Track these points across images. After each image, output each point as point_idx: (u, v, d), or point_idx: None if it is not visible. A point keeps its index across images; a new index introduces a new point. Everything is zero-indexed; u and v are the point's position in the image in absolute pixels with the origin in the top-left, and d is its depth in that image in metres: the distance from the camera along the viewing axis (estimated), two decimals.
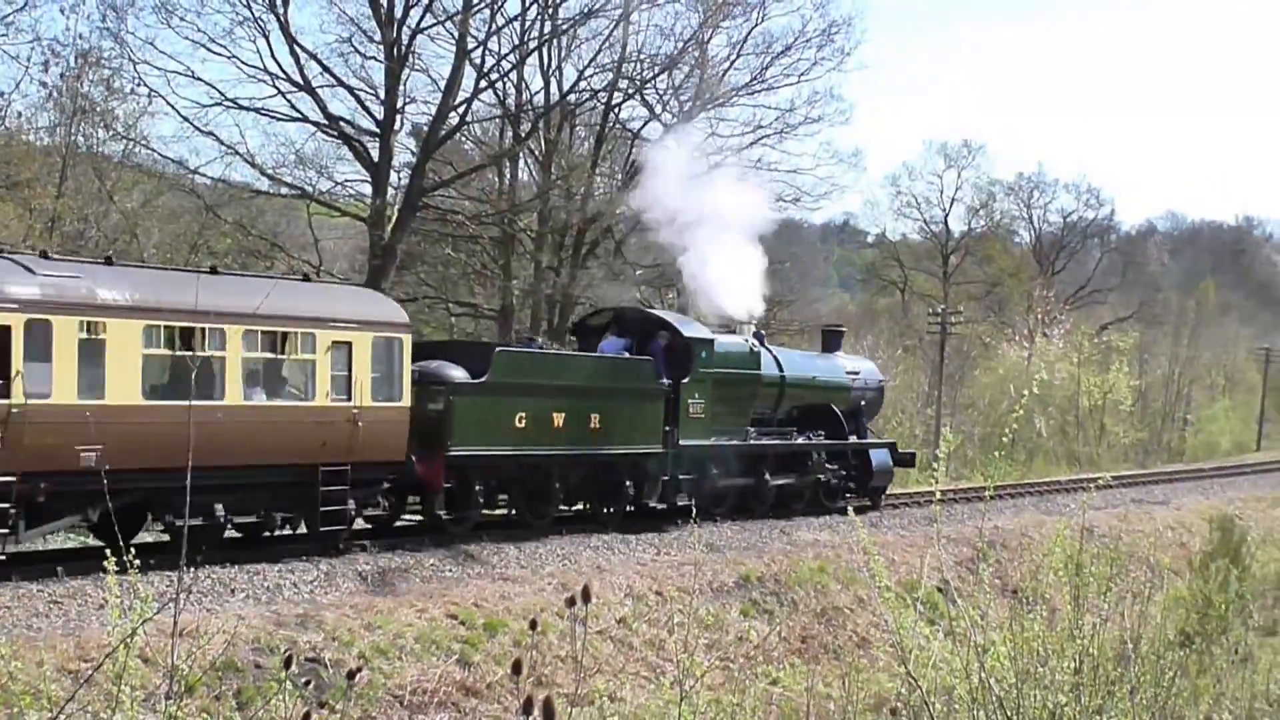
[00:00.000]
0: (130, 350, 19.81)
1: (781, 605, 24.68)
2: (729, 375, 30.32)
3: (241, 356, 21.26)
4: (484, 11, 46.04)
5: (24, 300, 18.76)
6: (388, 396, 23.34)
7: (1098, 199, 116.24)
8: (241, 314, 20.85)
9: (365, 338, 22.99)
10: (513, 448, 25.52)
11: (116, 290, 19.92)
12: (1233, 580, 26.00)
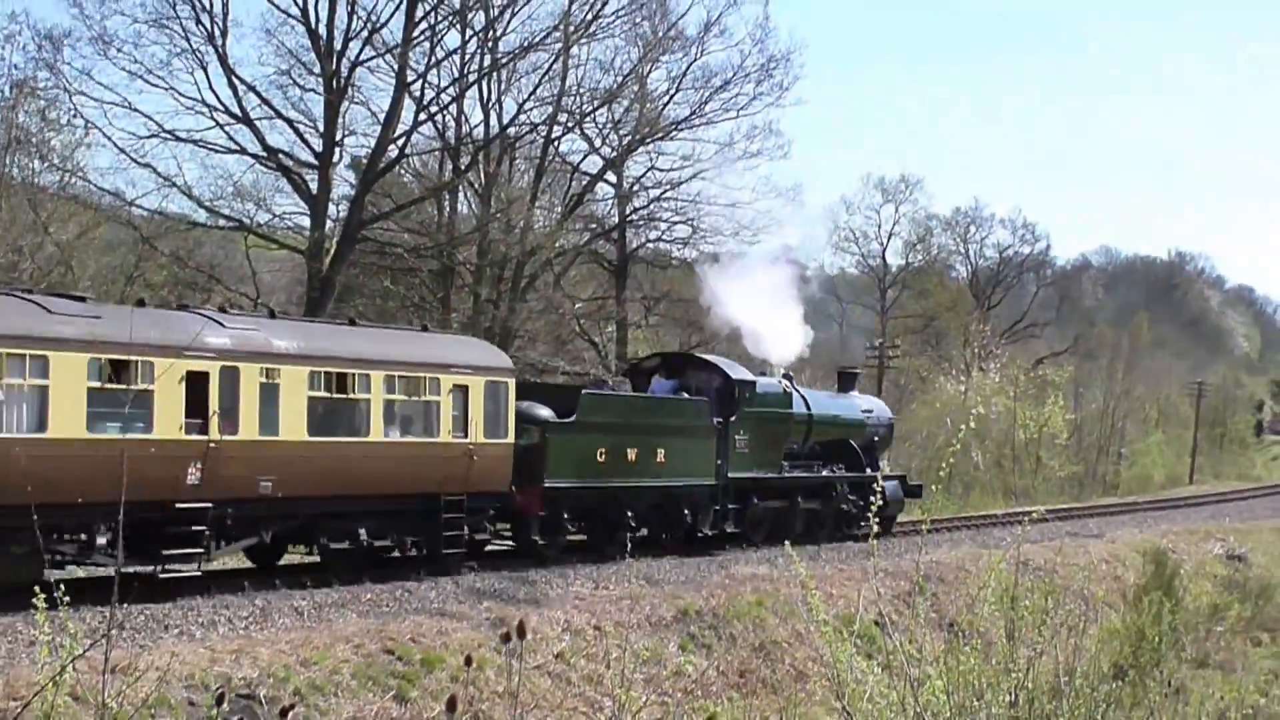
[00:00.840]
0: (298, 393, 22.90)
1: (720, 639, 24.64)
2: (767, 414, 33.57)
3: (383, 398, 24.34)
4: (423, 44, 46.19)
5: (218, 350, 21.79)
6: (496, 434, 26.31)
7: (1033, 234, 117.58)
8: (383, 360, 24.47)
9: (479, 381, 26.09)
10: (595, 480, 28.51)
11: (287, 340, 23.18)
12: (1166, 613, 26.19)
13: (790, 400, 34.68)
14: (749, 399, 32.72)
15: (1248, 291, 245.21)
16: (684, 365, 34.10)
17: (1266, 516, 57.01)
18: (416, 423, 25.42)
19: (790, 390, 34.95)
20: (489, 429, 26.14)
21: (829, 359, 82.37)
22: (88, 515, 20.30)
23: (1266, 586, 39.06)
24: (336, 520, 23.99)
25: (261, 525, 23.00)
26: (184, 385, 21.19)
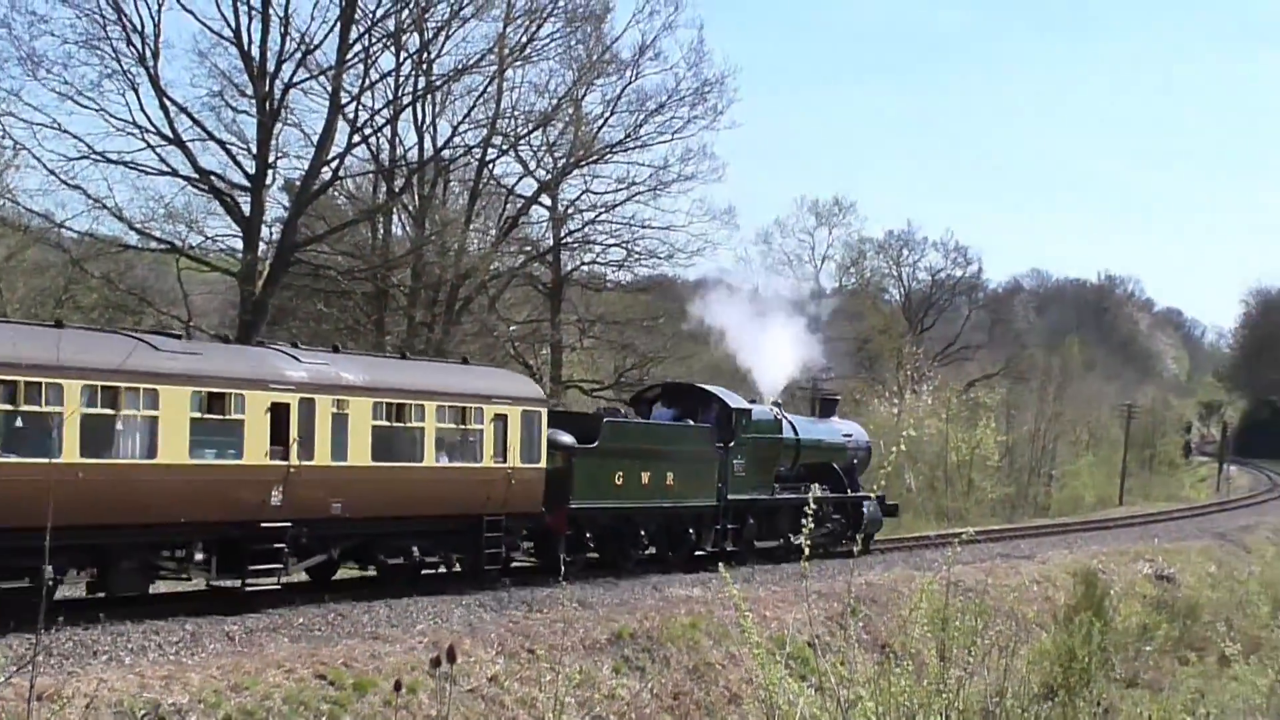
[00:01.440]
0: (364, 422, 25.20)
1: (654, 662, 24.64)
2: (762, 440, 35.95)
3: (435, 426, 26.69)
4: (357, 67, 46.06)
5: (297, 383, 24.06)
6: (531, 459, 28.64)
7: (965, 257, 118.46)
8: (435, 392, 26.91)
9: (517, 411, 28.47)
10: (614, 501, 30.89)
11: (354, 374, 25.58)
12: (1095, 633, 26.46)
13: (780, 427, 37.06)
14: (745, 426, 35.07)
15: (1176, 314, 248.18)
16: (684, 394, 36.31)
17: (1194, 537, 57.58)
18: (463, 449, 27.68)
19: (780, 417, 37.40)
20: (525, 454, 28.53)
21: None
22: (187, 533, 22.84)
23: (1194, 606, 39.48)
24: (393, 539, 26.44)
25: (331, 544, 25.47)
26: (268, 415, 23.49)
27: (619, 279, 62.38)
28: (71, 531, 19.64)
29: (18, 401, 20.12)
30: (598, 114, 55.99)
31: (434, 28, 47.77)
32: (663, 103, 55.22)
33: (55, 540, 17.14)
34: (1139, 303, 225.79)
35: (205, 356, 23.36)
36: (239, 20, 43.29)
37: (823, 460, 39.13)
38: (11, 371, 19.97)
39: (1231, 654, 19.60)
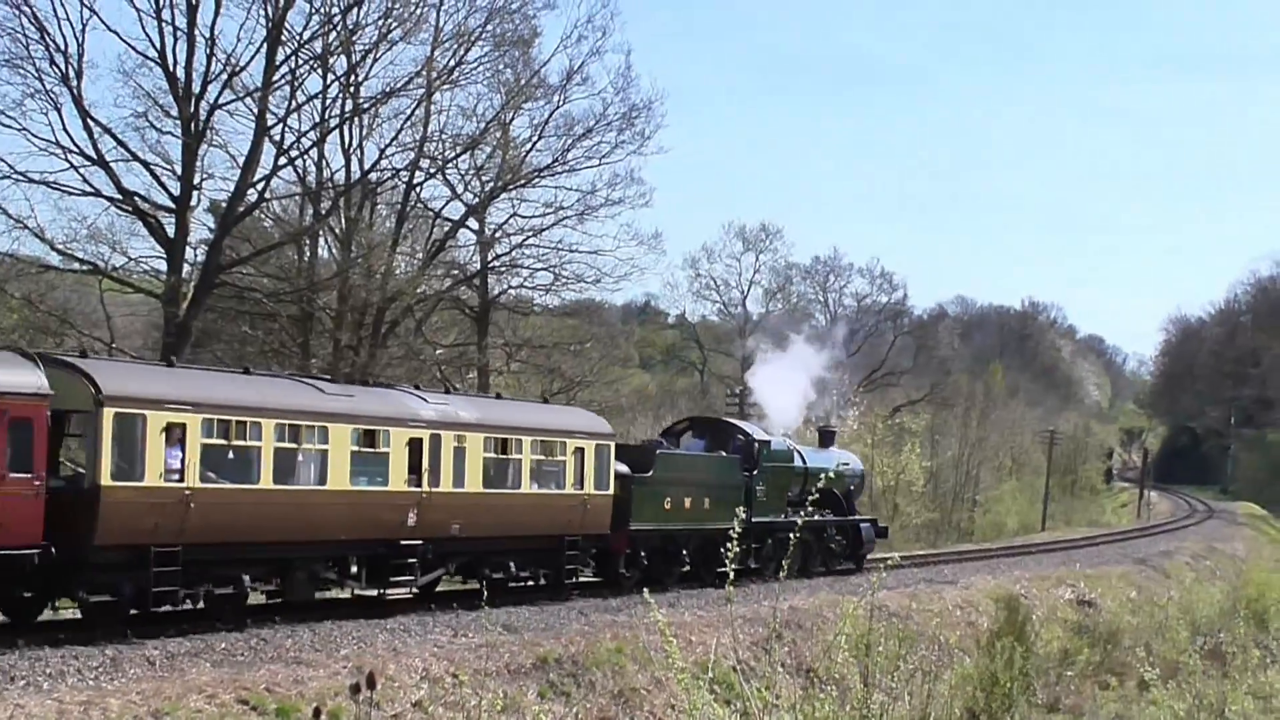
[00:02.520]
0: (478, 454, 29.42)
1: (579, 686, 24.58)
2: (779, 468, 39.99)
3: (530, 458, 30.93)
4: (284, 89, 45.85)
5: (428, 421, 28.39)
6: (601, 486, 32.82)
7: (891, 283, 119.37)
8: (530, 428, 31.36)
9: (592, 444, 32.73)
10: (664, 524, 34.85)
11: (469, 412, 29.88)
12: (1017, 658, 26.64)
13: (793, 456, 41.12)
14: (766, 456, 39.14)
15: (1098, 341, 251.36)
16: (711, 427, 41.45)
17: (1115, 562, 58.07)
18: (550, 478, 31.78)
19: (793, 448, 41.56)
20: (597, 483, 32.71)
21: (688, 406, 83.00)
22: (346, 548, 27.13)
23: (1114, 631, 39.79)
24: (496, 555, 30.59)
25: (449, 559, 29.51)
26: (407, 449, 27.64)
27: (546, 303, 62.45)
28: (264, 547, 25.18)
29: (230, 437, 24.42)
30: (525, 138, 56.08)
31: (362, 50, 47.72)
32: (590, 127, 55.32)
33: (251, 554, 24.85)
34: (1061, 330, 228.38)
35: (358, 399, 27.81)
36: (164, 41, 43.01)
37: (826, 486, 39.97)
38: (228, 412, 24.39)
39: (1150, 679, 19.83)
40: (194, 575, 23.99)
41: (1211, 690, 21.38)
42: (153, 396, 23.41)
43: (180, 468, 23.58)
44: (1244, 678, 22.16)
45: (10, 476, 21.16)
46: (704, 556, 36.33)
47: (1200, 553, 70.66)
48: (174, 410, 23.48)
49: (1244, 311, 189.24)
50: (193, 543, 23.65)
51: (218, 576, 24.41)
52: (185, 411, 23.62)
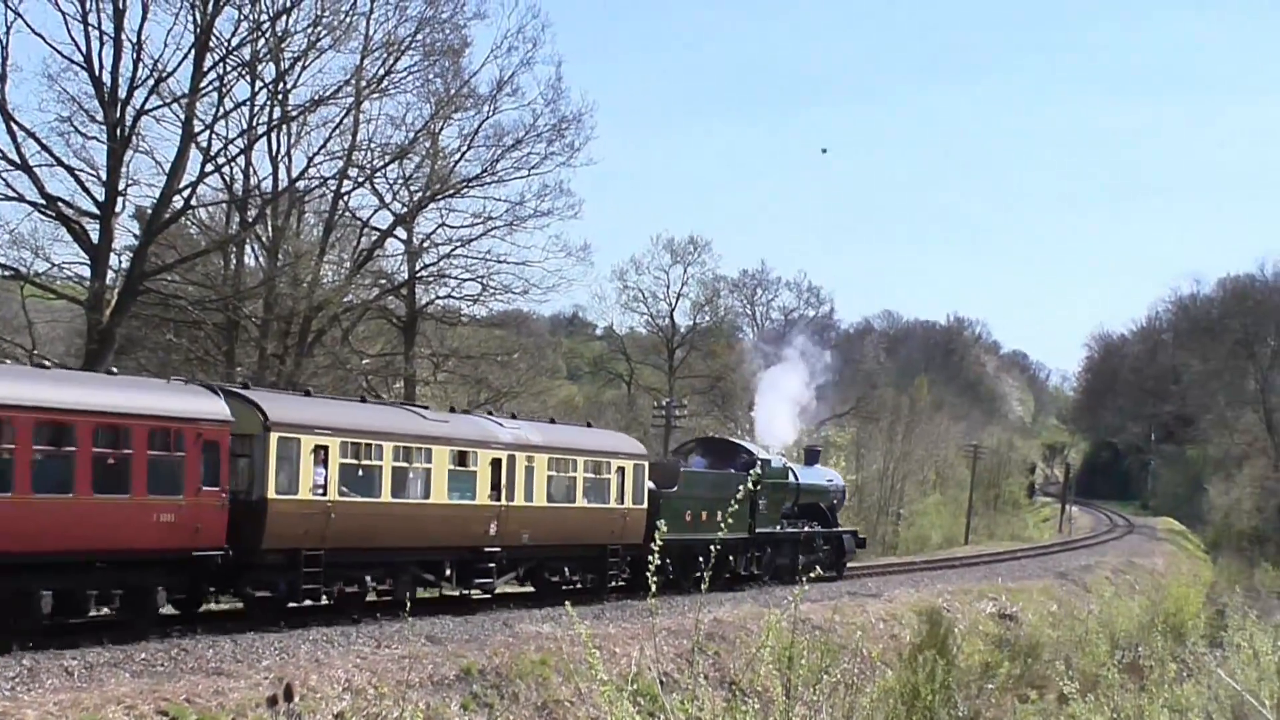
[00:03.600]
0: (543, 472, 34.36)
1: (502, 698, 24.56)
2: (777, 484, 44.45)
3: (583, 475, 35.80)
4: (211, 95, 45.58)
5: (505, 443, 33.31)
6: (638, 501, 37.61)
7: (818, 297, 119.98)
8: (584, 449, 36.29)
9: (630, 464, 37.69)
10: (686, 534, 37.67)
11: (537, 436, 34.90)
12: (939, 671, 26.85)
13: (787, 473, 45.88)
14: (767, 473, 42.33)
15: (1022, 357, 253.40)
16: (716, 446, 46.15)
17: (1037, 576, 58.64)
18: (598, 493, 36.47)
19: (787, 465, 46.37)
20: (634, 498, 37.47)
21: (615, 418, 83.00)
22: (442, 554, 31.64)
23: (1035, 645, 40.19)
24: (555, 561, 35.39)
25: (519, 564, 34.22)
26: (490, 467, 32.45)
27: (474, 313, 62.23)
28: (381, 551, 29.78)
29: (360, 457, 28.91)
30: (455, 148, 55.95)
31: (290, 58, 47.53)
32: (520, 138, 55.31)
33: (372, 557, 29.56)
34: (986, 345, 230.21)
35: (453, 424, 32.79)
36: (90, 45, 42.55)
37: (814, 501, 48.07)
38: (358, 436, 28.96)
39: (1070, 692, 20.03)
40: (330, 576, 28.30)
41: (1129, 703, 21.63)
42: (305, 422, 27.96)
43: (324, 483, 28.02)
44: (1161, 691, 22.43)
45: (204, 490, 25.41)
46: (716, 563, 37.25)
47: (1120, 567, 71.51)
48: (320, 434, 27.98)
49: (1165, 329, 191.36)
50: (332, 547, 28.11)
51: (346, 577, 29.04)
52: (328, 435, 28.14)
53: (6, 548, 22.22)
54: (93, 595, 24.16)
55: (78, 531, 23.40)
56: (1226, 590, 53.52)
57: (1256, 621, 23.70)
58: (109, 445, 23.98)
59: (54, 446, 23.12)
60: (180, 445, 25.09)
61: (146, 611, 25.07)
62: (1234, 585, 51.79)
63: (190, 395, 26.34)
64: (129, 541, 24.35)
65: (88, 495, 23.52)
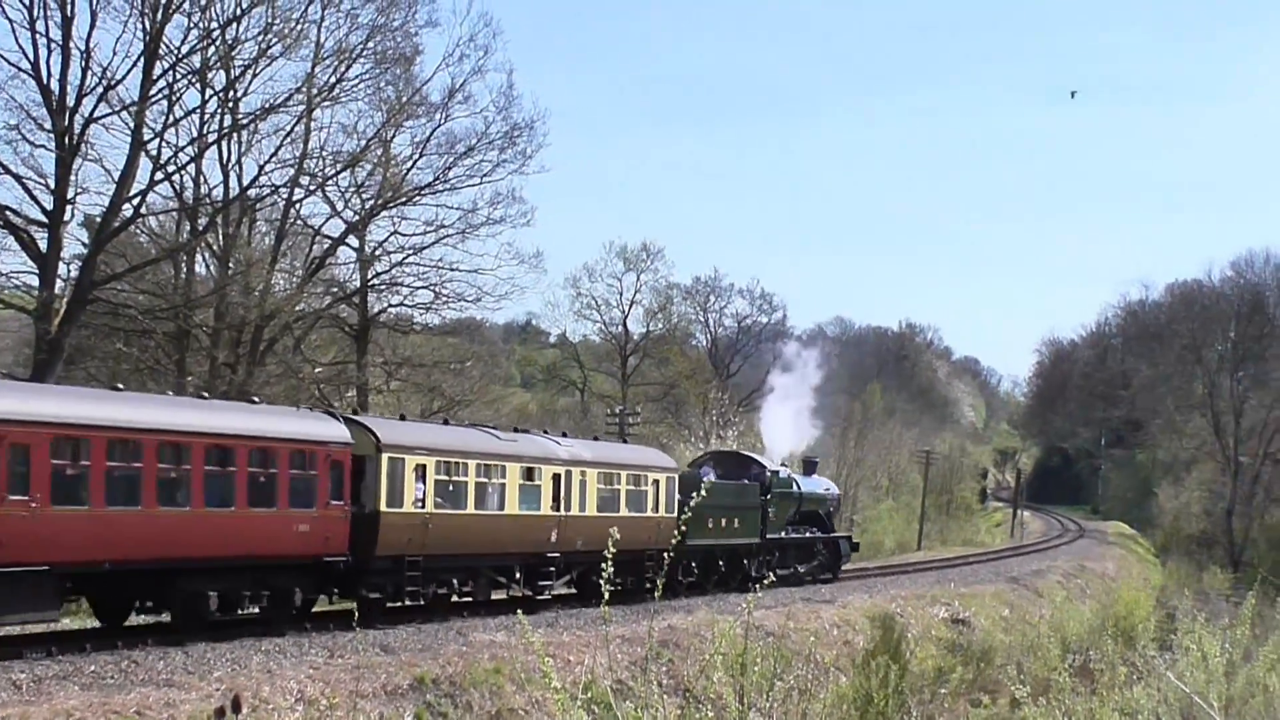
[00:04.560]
0: (593, 485, 38.33)
1: (456, 707, 24.51)
2: (784, 494, 48.59)
3: (625, 488, 39.78)
4: (161, 103, 45.33)
5: (563, 460, 37.27)
6: (669, 510, 41.23)
7: (770, 304, 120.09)
8: (625, 464, 40.68)
9: (664, 476, 41.87)
10: (707, 539, 42.70)
11: (588, 453, 39.08)
12: (892, 676, 26.91)
13: (792, 483, 49.63)
14: (775, 483, 47.58)
15: (973, 363, 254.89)
16: (728, 459, 50.60)
17: (989, 581, 58.87)
18: (638, 503, 40.38)
19: (791, 475, 50.13)
20: (667, 506, 41.23)
21: (569, 425, 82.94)
22: (512, 559, 35.26)
23: (987, 649, 40.37)
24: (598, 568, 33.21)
25: (574, 568, 37.52)
26: (551, 481, 36.32)
27: (427, 321, 62.14)
28: (465, 557, 33.24)
29: (450, 474, 32.78)
30: (407, 156, 55.87)
31: (241, 66, 47.38)
32: (472, 146, 55.32)
33: (458, 563, 33.22)
34: (938, 351, 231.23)
35: (520, 443, 36.77)
36: (38, 52, 42.33)
37: (814, 508, 51.67)
38: (449, 455, 32.97)
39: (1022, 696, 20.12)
40: (426, 579, 32.10)
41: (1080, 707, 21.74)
42: (408, 444, 31.82)
43: (422, 497, 31.76)
44: (1111, 694, 22.57)
45: (331, 503, 29.27)
46: (730, 567, 45.03)
47: (1071, 571, 71.89)
48: (419, 454, 31.84)
49: (1114, 334, 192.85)
50: (429, 554, 31.90)
51: (439, 580, 32.81)
52: (426, 455, 32.05)
53: (187, 554, 26.32)
54: (246, 595, 27.81)
55: (236, 540, 27.36)
56: (1176, 593, 53.87)
57: (1205, 624, 23.86)
58: (260, 465, 27.76)
59: (219, 467, 26.86)
60: (313, 465, 29.04)
61: (285, 610, 28.86)
62: (1183, 588, 52.10)
63: (320, 421, 30.48)
64: (275, 548, 28.28)
65: (245, 509, 27.45)
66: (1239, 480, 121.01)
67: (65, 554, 23.86)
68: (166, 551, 25.86)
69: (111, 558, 24.86)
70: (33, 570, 23.13)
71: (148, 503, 25.33)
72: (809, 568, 50.40)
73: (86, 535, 24.24)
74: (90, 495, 24.28)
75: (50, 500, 23.46)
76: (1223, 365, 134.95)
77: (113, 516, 24.68)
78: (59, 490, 23.68)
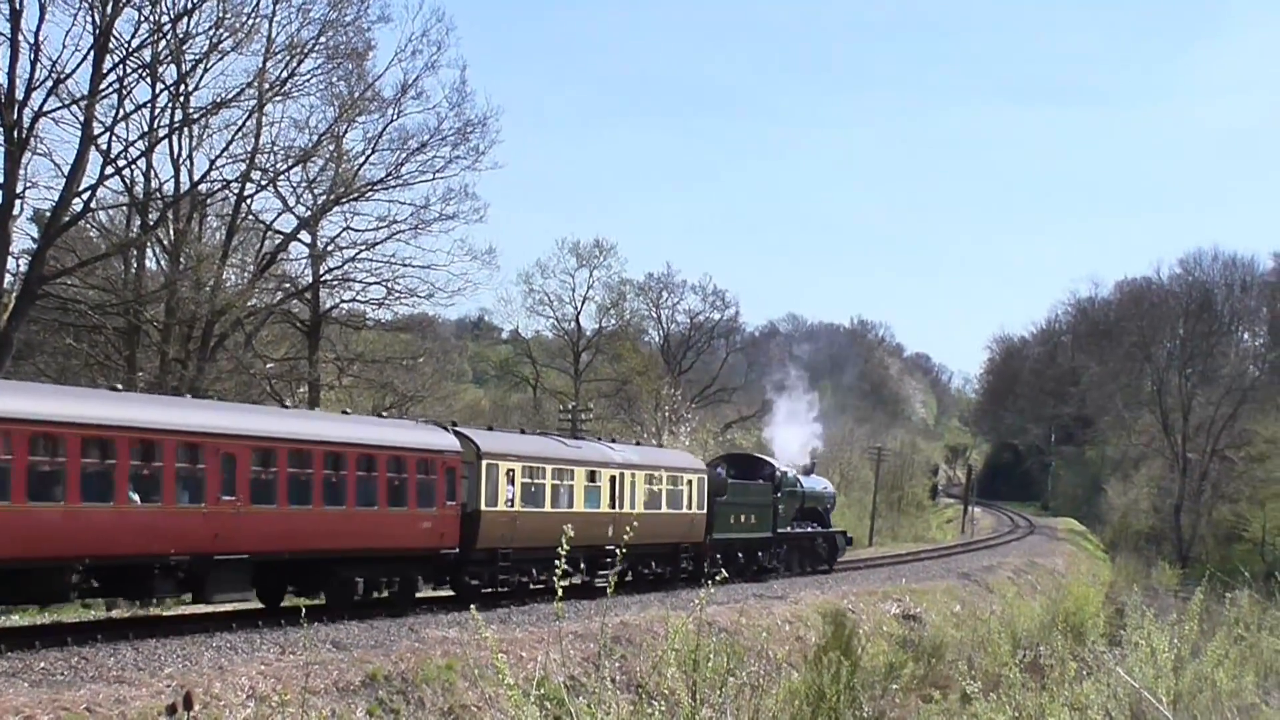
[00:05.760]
0: (641, 486, 42.87)
1: (408, 704, 24.46)
2: (792, 492, 53.49)
3: (665, 487, 44.35)
4: (111, 97, 45.02)
5: (617, 464, 41.86)
6: (701, 507, 46.30)
7: (723, 300, 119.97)
8: (665, 466, 45.26)
9: (697, 477, 46.61)
10: (730, 534, 48.41)
11: (635, 457, 43.89)
12: (844, 672, 27.00)
13: (798, 482, 54.37)
14: (784, 483, 52.59)
15: (924, 359, 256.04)
16: (741, 461, 54.56)
17: (940, 577, 59.16)
18: (675, 501, 45.07)
19: (796, 475, 54.71)
20: (699, 505, 46.15)
21: (521, 421, 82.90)
22: (579, 552, 37.96)
23: (938, 645, 40.53)
24: (647, 557, 43.11)
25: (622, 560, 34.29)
26: (609, 483, 41.03)
27: (379, 317, 61.99)
28: (540, 550, 35.51)
29: (533, 477, 37.51)
30: (359, 151, 55.72)
31: (192, 60, 47.12)
32: (425, 142, 55.22)
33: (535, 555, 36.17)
34: (889, 348, 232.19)
35: (584, 450, 41.60)
36: None
37: (813, 505, 56.24)
38: (532, 461, 37.68)
39: (972, 692, 20.22)
40: (513, 570, 36.50)
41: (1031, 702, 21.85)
42: (501, 451, 36.86)
43: (512, 498, 36.48)
44: (1061, 689, 22.71)
45: (447, 504, 34.10)
46: (747, 558, 49.83)
47: (1022, 567, 72.31)
48: (509, 460, 36.78)
49: (1064, 331, 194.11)
50: (516, 547, 36.28)
51: (522, 570, 36.96)
52: (514, 461, 36.99)
53: (345, 545, 31.40)
54: (383, 581, 32.87)
55: (379, 535, 32.39)
56: (1125, 589, 54.23)
57: (1154, 620, 24.05)
58: (394, 471, 32.65)
59: (366, 473, 31.76)
60: (433, 471, 33.88)
61: (409, 594, 33.96)
62: (1132, 584, 52.47)
63: (435, 433, 35.27)
64: (407, 542, 33.24)
65: (385, 508, 32.39)
66: (1187, 477, 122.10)
67: (260, 545, 28.92)
68: (329, 544, 31.03)
69: (291, 549, 29.98)
70: (236, 558, 28.15)
71: (316, 503, 30.34)
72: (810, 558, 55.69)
73: (275, 530, 29.18)
74: (278, 496, 29.17)
75: (250, 500, 28.40)
76: (1171, 362, 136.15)
77: (294, 515, 29.73)
78: (255, 492, 28.53)
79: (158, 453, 26.43)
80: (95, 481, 25.29)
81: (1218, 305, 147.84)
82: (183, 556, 26.99)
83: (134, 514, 26.02)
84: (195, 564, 27.35)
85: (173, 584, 27.54)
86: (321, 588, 32.27)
